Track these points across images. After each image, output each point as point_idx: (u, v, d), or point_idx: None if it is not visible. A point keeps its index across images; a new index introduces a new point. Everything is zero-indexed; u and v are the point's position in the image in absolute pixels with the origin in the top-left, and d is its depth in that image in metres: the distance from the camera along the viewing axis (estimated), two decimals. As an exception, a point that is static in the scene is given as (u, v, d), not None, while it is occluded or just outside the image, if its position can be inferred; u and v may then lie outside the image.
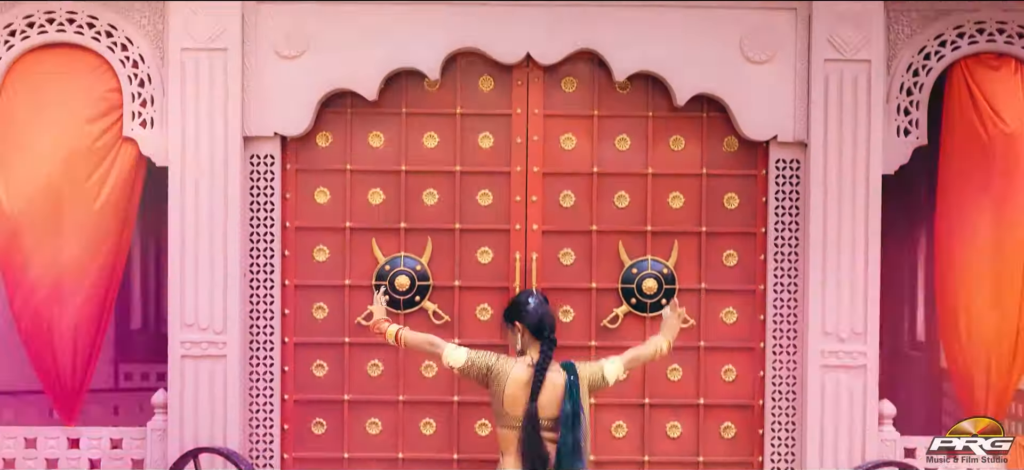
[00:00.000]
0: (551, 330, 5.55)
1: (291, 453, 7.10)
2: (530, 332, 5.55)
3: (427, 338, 5.77)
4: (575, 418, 5.39)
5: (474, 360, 5.56)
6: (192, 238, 6.81)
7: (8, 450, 6.91)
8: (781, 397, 7.01)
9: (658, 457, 7.11)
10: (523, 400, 5.45)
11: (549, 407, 5.42)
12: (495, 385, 5.50)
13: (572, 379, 5.47)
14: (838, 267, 6.81)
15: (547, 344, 5.51)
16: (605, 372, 5.64)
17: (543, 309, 5.59)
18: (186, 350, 6.84)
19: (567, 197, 7.05)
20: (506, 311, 5.68)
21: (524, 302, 5.61)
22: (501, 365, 5.51)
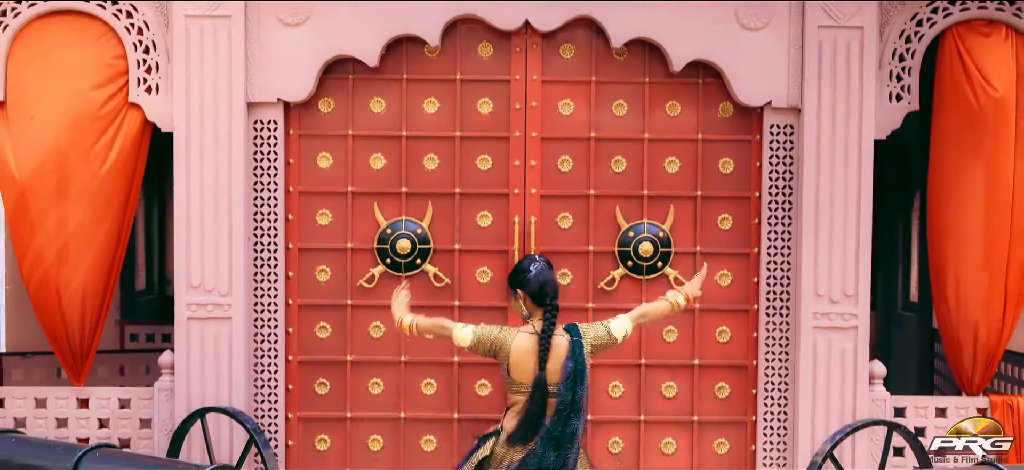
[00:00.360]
0: (553, 297, 5.69)
1: (295, 412, 7.25)
2: (532, 299, 5.71)
3: (438, 323, 5.90)
4: (577, 376, 5.56)
5: (480, 336, 5.72)
6: (197, 203, 6.91)
7: (19, 410, 7.06)
8: (774, 358, 7.15)
9: (654, 416, 7.25)
10: (528, 367, 5.61)
11: (555, 373, 5.59)
12: (501, 355, 5.67)
13: (575, 339, 5.63)
14: (830, 230, 6.93)
15: (549, 311, 5.66)
16: (611, 329, 5.79)
17: (545, 275, 5.73)
18: (192, 312, 6.96)
19: (565, 162, 7.17)
20: (509, 277, 5.84)
21: (526, 269, 5.75)
22: (504, 336, 5.68)
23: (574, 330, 5.70)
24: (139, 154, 7.03)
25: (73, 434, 7.04)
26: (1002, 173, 6.93)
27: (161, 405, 7.04)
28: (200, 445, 6.79)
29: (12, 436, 6.51)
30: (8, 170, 6.84)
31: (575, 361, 5.59)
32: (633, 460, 7.25)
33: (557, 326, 5.70)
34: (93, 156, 6.88)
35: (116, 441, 7.02)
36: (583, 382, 5.60)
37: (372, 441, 7.25)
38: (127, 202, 7.02)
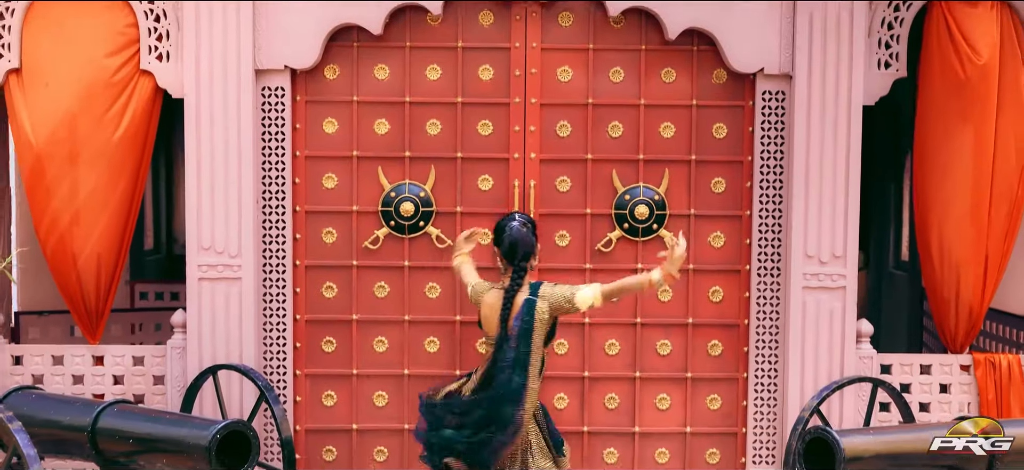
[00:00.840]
0: (523, 257, 5.85)
1: (303, 370, 7.50)
2: (504, 257, 5.92)
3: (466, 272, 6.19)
4: (520, 336, 5.72)
5: (472, 287, 6.00)
6: (207, 167, 7.13)
7: (36, 367, 7.31)
8: (765, 317, 7.40)
9: (648, 373, 7.50)
10: (495, 322, 5.84)
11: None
12: (479, 307, 5.92)
13: (530, 298, 5.79)
14: (820, 194, 7.15)
15: (517, 270, 5.83)
16: (576, 298, 5.80)
17: (516, 235, 5.91)
18: (203, 273, 7.19)
19: (563, 127, 7.39)
20: (494, 234, 6.11)
21: (503, 227, 5.97)
22: (480, 289, 5.98)
23: (535, 289, 5.86)
24: (150, 120, 7.24)
25: (89, 390, 7.29)
26: (984, 138, 7.14)
27: (174, 362, 7.28)
28: (212, 401, 7.04)
29: (32, 392, 6.79)
30: (24, 136, 7.05)
31: (523, 319, 5.75)
32: (628, 415, 7.50)
33: (525, 284, 5.87)
34: (106, 122, 7.08)
35: (131, 397, 7.26)
36: (528, 340, 5.73)
37: (377, 397, 7.51)
38: (139, 167, 7.23)
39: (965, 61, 7.07)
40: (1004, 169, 7.18)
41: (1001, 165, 7.16)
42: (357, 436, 7.53)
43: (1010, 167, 7.18)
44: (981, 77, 7.07)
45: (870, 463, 5.74)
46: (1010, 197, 7.20)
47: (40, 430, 6.12)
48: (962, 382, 7.37)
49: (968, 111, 7.13)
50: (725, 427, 7.53)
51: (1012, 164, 7.18)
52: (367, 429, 7.52)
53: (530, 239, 5.93)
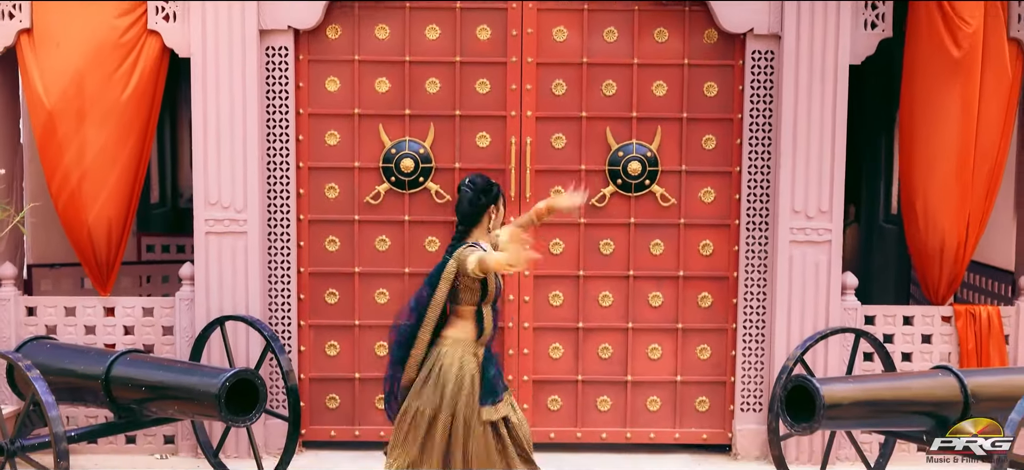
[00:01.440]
0: (460, 220, 5.77)
1: (307, 320, 7.75)
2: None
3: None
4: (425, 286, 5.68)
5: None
6: (214, 125, 7.35)
7: (50, 317, 7.55)
8: (753, 269, 7.64)
9: (641, 324, 7.75)
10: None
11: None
12: None
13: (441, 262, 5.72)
14: (807, 151, 7.37)
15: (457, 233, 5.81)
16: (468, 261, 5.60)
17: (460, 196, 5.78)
18: (210, 227, 7.42)
19: (559, 85, 7.60)
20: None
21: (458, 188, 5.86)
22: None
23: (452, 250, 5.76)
24: (158, 79, 7.45)
25: (100, 340, 7.54)
26: (969, 100, 7.35)
27: (182, 314, 7.53)
28: (219, 351, 7.29)
29: (47, 342, 7.05)
30: (36, 95, 7.26)
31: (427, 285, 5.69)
32: (621, 365, 7.75)
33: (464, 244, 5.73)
34: (115, 82, 7.29)
35: (141, 346, 7.51)
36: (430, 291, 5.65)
37: (379, 347, 7.75)
38: (147, 125, 7.46)
39: (950, 22, 7.27)
40: (987, 130, 7.39)
41: (984, 126, 7.38)
42: (359, 385, 7.79)
43: (993, 128, 7.40)
44: (967, 42, 7.27)
45: (849, 409, 5.98)
46: (992, 157, 7.43)
47: (56, 379, 6.36)
48: (943, 333, 7.62)
49: (954, 74, 7.34)
50: (714, 376, 7.80)
51: (995, 125, 7.40)
52: (369, 378, 7.78)
53: (462, 204, 5.78)
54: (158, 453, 7.64)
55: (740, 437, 7.71)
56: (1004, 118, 7.43)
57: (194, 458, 7.52)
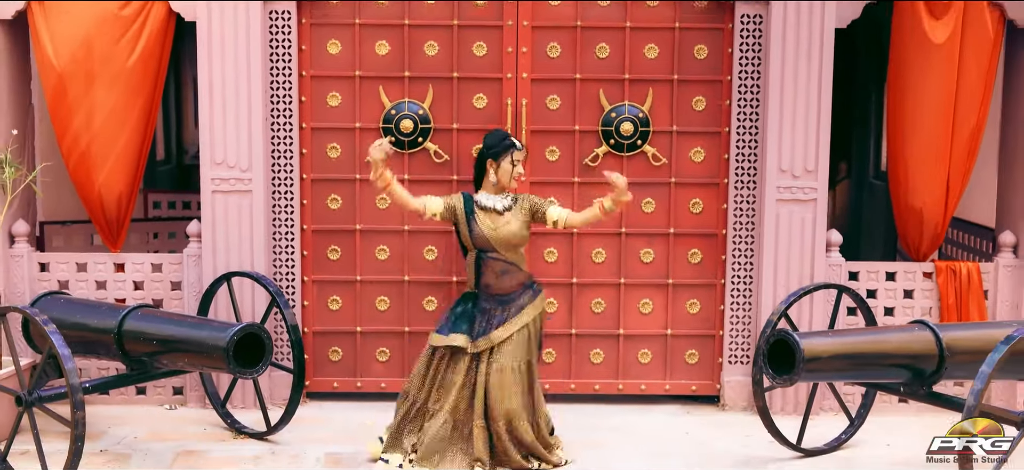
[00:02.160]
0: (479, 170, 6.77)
1: (310, 276, 8.01)
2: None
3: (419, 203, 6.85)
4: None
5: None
6: (219, 87, 7.58)
7: (62, 273, 7.82)
8: (741, 227, 7.90)
9: (633, 279, 8.01)
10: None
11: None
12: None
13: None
14: (794, 112, 7.60)
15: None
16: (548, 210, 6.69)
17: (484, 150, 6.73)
18: (216, 186, 7.67)
19: (553, 48, 7.83)
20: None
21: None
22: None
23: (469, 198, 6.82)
24: (164, 43, 7.67)
25: (111, 295, 7.81)
26: (949, 63, 7.59)
27: (190, 269, 7.79)
28: (226, 306, 7.55)
29: (60, 297, 7.31)
30: (47, 58, 7.49)
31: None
32: (613, 319, 8.02)
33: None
34: (123, 46, 7.52)
35: (150, 301, 7.78)
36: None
37: (379, 301, 8.03)
38: (154, 88, 7.69)
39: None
40: (967, 94, 7.63)
41: (965, 90, 7.61)
42: (360, 338, 8.07)
43: (973, 92, 7.64)
44: (947, 9, 7.50)
45: (828, 362, 6.23)
46: (972, 120, 7.67)
47: (70, 332, 6.58)
48: (925, 288, 7.89)
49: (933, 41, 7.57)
50: (703, 329, 8.07)
51: (975, 89, 7.64)
52: (370, 331, 8.06)
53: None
54: (167, 403, 7.93)
55: (728, 388, 8.00)
56: (985, 82, 7.66)
57: (202, 408, 7.80)
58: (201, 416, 7.74)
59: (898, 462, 7.02)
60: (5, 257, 7.71)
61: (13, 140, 7.61)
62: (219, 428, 7.47)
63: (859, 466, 6.96)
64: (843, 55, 7.92)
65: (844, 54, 7.85)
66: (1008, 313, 7.84)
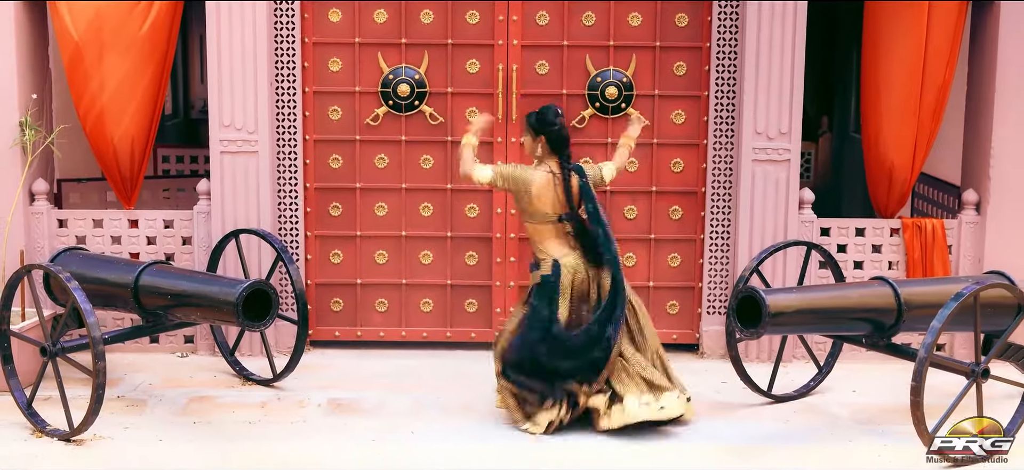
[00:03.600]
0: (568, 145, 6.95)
1: (313, 231, 8.47)
2: (550, 147, 6.90)
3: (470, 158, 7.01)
4: (598, 211, 6.87)
5: (502, 174, 6.94)
6: (227, 54, 8.00)
7: (79, 229, 8.27)
8: (719, 185, 8.34)
9: (618, 235, 8.19)
10: (549, 200, 6.86)
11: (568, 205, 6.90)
12: (524, 189, 6.87)
13: (583, 181, 6.91)
14: (768, 77, 8.02)
15: (565, 159, 6.93)
16: (604, 174, 7.09)
17: (566, 132, 6.97)
18: (224, 147, 8.11)
19: (542, 16, 8.25)
20: (535, 122, 6.97)
21: (552, 122, 6.90)
22: (529, 175, 6.90)
23: (581, 171, 6.96)
24: (175, 13, 8.11)
25: (126, 250, 8.28)
26: (918, 26, 8.02)
27: (200, 226, 8.26)
28: (234, 261, 8.00)
29: (79, 252, 7.77)
30: (65, 27, 7.92)
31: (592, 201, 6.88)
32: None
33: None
34: (136, 15, 7.95)
35: (162, 255, 8.25)
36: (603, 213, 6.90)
37: (378, 255, 8.50)
38: (166, 54, 8.12)
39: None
40: (934, 57, 8.06)
41: (932, 53, 8.05)
42: (360, 289, 8.56)
43: (940, 55, 8.07)
44: None
45: (793, 316, 6.69)
46: (938, 83, 8.11)
47: (89, 286, 6.99)
48: (892, 243, 8.36)
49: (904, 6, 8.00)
50: (684, 282, 8.56)
51: (941, 53, 8.07)
52: (369, 283, 8.54)
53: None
54: (180, 352, 8.42)
55: (706, 337, 8.49)
56: (951, 44, 8.08)
57: (212, 356, 8.27)
58: (211, 363, 8.22)
59: (862, 407, 7.50)
60: (26, 214, 8.14)
61: (33, 104, 8.04)
62: (228, 375, 7.97)
63: (825, 411, 7.45)
64: (825, 10, 8.21)
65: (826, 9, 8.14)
66: (970, 267, 8.29)
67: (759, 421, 7.27)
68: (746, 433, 7.03)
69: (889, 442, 6.84)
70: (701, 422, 7.14)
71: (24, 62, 8.10)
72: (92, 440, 6.63)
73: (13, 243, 7.91)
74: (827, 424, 7.23)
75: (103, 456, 6.48)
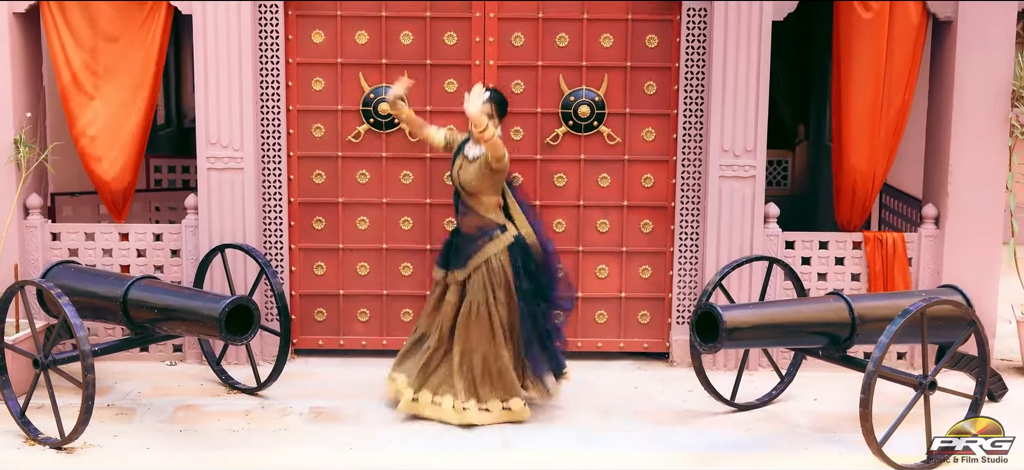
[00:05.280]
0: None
1: (297, 244, 8.76)
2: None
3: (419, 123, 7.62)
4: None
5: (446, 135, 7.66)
6: (214, 74, 8.28)
7: (72, 242, 8.56)
8: (688, 200, 8.63)
9: (590, 247, 8.77)
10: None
11: None
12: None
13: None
14: (735, 97, 8.30)
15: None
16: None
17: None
18: (211, 163, 8.40)
19: (518, 37, 8.54)
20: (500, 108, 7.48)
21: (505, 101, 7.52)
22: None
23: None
24: (165, 38, 8.41)
25: (116, 262, 8.58)
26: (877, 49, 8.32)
27: (187, 239, 8.55)
28: (221, 274, 8.29)
29: (71, 266, 8.07)
30: (63, 56, 8.25)
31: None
32: (573, 282, 8.74)
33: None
34: (131, 43, 8.27)
35: (152, 268, 8.55)
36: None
37: (360, 267, 8.80)
38: (156, 78, 8.43)
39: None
40: (895, 76, 8.37)
41: (893, 72, 8.36)
42: (343, 300, 8.86)
43: (900, 75, 8.38)
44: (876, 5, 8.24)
45: (750, 332, 6.96)
46: (897, 102, 8.42)
47: (80, 299, 7.31)
48: (854, 256, 8.65)
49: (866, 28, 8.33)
50: (654, 293, 8.85)
51: (901, 73, 8.38)
52: (352, 294, 8.85)
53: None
54: (168, 360, 8.72)
55: (676, 346, 8.79)
56: (909, 67, 8.38)
57: (199, 365, 8.56)
58: (198, 372, 8.51)
59: (821, 415, 7.80)
60: (20, 227, 8.44)
61: (27, 122, 8.35)
62: (214, 383, 8.27)
63: (785, 419, 7.75)
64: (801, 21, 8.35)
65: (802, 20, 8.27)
66: (929, 280, 8.59)
67: (721, 429, 7.57)
68: (708, 441, 7.34)
69: (843, 450, 7.14)
70: (665, 430, 7.47)
71: (19, 80, 8.39)
72: (82, 448, 6.94)
73: (8, 256, 8.22)
74: (787, 432, 7.53)
75: (92, 463, 6.79)
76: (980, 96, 8.37)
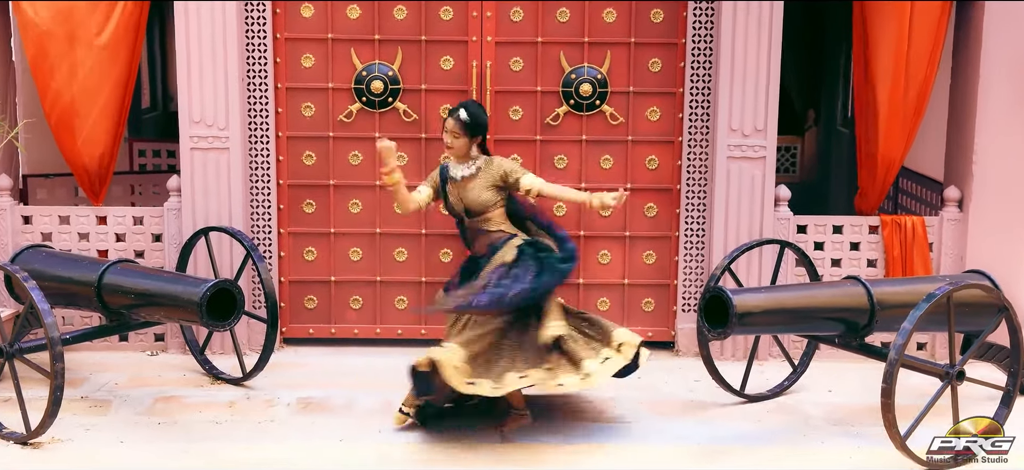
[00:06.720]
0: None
1: (286, 228, 8.40)
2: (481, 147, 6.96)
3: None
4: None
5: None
6: (197, 48, 7.91)
7: (45, 226, 8.18)
8: (694, 182, 8.27)
9: (592, 231, 8.40)
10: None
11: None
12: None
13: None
14: (744, 73, 7.94)
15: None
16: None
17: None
18: (195, 143, 8.03)
19: (516, 13, 8.16)
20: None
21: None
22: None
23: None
24: (142, 10, 8.01)
25: (93, 247, 8.21)
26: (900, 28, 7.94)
27: (170, 223, 8.18)
28: (205, 257, 7.94)
29: (42, 250, 7.68)
30: (28, 18, 7.80)
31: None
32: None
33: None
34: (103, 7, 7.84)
35: (131, 253, 8.17)
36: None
37: (352, 252, 8.43)
38: (133, 51, 8.02)
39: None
40: (917, 56, 7.98)
41: (915, 51, 7.97)
42: (334, 287, 8.48)
43: (922, 55, 7.98)
44: None
45: (761, 317, 6.59)
46: (920, 78, 8.03)
47: (51, 284, 6.97)
48: (870, 241, 8.28)
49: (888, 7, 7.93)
50: (659, 279, 8.48)
51: (924, 52, 7.98)
52: (343, 280, 8.47)
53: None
54: (149, 350, 8.34)
55: (681, 335, 8.42)
56: (933, 43, 8.00)
57: (182, 354, 8.21)
58: (181, 362, 8.15)
59: (836, 407, 7.42)
60: (-12, 210, 8.09)
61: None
62: (198, 374, 7.90)
63: (798, 411, 7.38)
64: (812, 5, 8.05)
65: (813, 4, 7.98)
66: (952, 265, 8.21)
67: (730, 421, 7.20)
68: (716, 433, 6.97)
69: (862, 443, 6.77)
70: (670, 421, 7.10)
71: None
72: (50, 443, 6.54)
73: (-25, 240, 7.85)
74: (800, 424, 7.15)
75: (60, 459, 6.39)
76: (1008, 73, 7.98)
